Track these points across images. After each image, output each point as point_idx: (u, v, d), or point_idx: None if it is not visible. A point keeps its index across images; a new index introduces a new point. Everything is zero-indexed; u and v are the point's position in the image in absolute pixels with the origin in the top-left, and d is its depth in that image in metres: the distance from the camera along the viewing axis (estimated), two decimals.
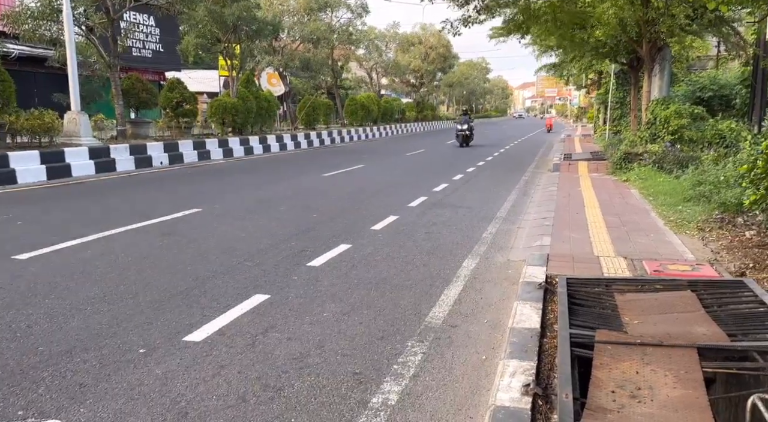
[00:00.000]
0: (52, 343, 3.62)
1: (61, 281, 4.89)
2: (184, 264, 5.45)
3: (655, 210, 7.83)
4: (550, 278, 4.65)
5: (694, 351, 2.98)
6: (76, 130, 14.37)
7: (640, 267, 4.96)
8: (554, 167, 14.38)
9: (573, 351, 3.04)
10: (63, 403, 2.91)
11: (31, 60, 19.58)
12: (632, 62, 16.72)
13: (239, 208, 8.59)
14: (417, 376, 3.25)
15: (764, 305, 3.69)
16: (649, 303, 3.85)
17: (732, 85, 17.96)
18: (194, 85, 24.63)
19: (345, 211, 8.52)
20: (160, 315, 4.14)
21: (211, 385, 3.11)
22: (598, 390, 2.64)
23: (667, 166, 11.04)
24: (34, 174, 11.79)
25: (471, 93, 78.61)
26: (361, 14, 34.09)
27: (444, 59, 52.88)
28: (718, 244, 5.72)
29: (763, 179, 5.30)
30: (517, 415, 2.56)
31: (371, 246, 6.29)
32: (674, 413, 2.43)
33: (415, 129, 45.00)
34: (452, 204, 9.30)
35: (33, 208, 8.57)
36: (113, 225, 7.17)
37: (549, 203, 8.81)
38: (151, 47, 24.37)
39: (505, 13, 14.81)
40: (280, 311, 4.24)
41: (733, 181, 7.58)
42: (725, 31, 13.93)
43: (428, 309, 4.32)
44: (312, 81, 33.31)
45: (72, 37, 14.29)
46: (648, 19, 12.64)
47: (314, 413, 2.84)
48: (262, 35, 23.19)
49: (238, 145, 19.46)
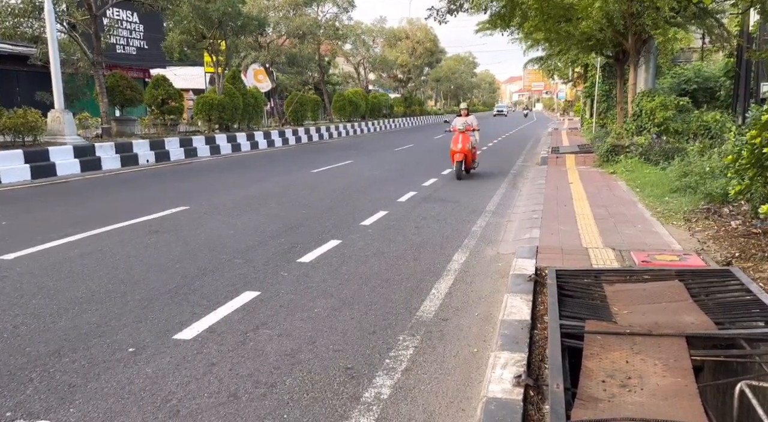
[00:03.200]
0: (39, 343, 3.58)
1: (48, 281, 4.84)
2: (173, 262, 5.41)
3: (642, 201, 7.89)
4: (540, 270, 4.68)
5: (682, 340, 3.02)
6: (61, 128, 14.19)
7: (628, 258, 5.00)
8: (542, 160, 14.44)
9: (563, 341, 3.06)
10: (52, 404, 2.87)
11: (13, 58, 19.30)
12: (618, 55, 16.80)
13: (228, 205, 8.54)
14: (409, 370, 3.25)
15: (750, 293, 3.74)
16: (637, 293, 3.88)
17: (716, 76, 18.14)
18: (180, 82, 24.40)
19: (334, 206, 8.50)
20: (149, 313, 4.10)
21: (202, 383, 3.09)
22: (588, 380, 2.66)
23: (653, 157, 11.14)
24: (18, 173, 11.63)
25: (458, 88, 78.65)
26: (348, 9, 33.99)
27: (431, 54, 52.88)
28: (704, 234, 5.78)
29: (748, 169, 5.36)
30: (509, 406, 2.57)
31: (361, 242, 6.28)
32: (664, 401, 2.45)
33: (403, 124, 44.97)
34: (441, 198, 9.31)
35: (17, 208, 8.45)
36: (100, 224, 7.10)
37: (537, 196, 8.85)
38: (135, 44, 24.11)
39: (492, 6, 14.83)
40: (271, 307, 4.23)
41: (718, 171, 7.67)
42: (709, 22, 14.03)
43: (419, 303, 4.33)
44: (299, 77, 33.17)
45: (54, 34, 14.08)
46: (633, 12, 12.71)
47: (307, 408, 2.84)
48: (247, 31, 23.04)
49: (225, 142, 19.32)
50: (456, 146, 11.59)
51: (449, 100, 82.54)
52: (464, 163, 11.69)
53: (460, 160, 11.53)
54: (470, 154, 11.77)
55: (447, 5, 14.32)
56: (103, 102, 17.04)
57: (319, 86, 37.03)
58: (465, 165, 11.77)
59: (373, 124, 37.12)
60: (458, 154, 11.58)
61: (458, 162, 11.54)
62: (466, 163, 11.80)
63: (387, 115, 45.21)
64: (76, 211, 8.29)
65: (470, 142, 11.65)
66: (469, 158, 11.78)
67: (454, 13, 14.32)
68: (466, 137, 11.54)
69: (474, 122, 11.91)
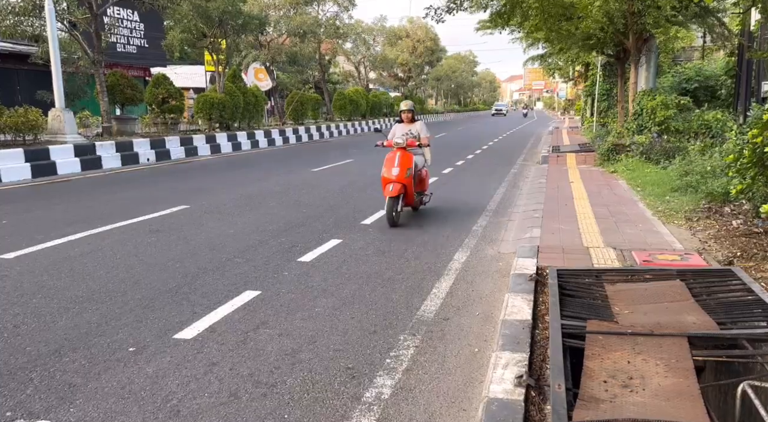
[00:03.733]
0: (40, 343, 3.57)
1: (48, 280, 4.83)
2: (173, 262, 5.40)
3: (643, 200, 7.88)
4: (541, 270, 4.67)
5: (684, 340, 3.01)
6: (61, 127, 14.18)
7: (630, 258, 4.99)
8: (543, 159, 14.43)
9: (565, 341, 3.05)
10: (52, 403, 2.87)
11: (14, 57, 19.28)
12: (619, 54, 16.79)
13: (228, 204, 8.53)
14: (410, 370, 3.24)
15: (752, 293, 3.73)
16: (639, 292, 3.87)
17: (717, 75, 18.13)
18: (180, 81, 24.38)
19: (335, 205, 8.49)
20: (149, 313, 4.10)
21: (202, 383, 3.09)
22: (590, 381, 2.65)
23: (654, 156, 11.13)
24: (19, 172, 11.63)
25: (459, 86, 78.64)
26: (348, 8, 33.98)
27: (431, 52, 52.88)
28: (705, 234, 5.77)
29: (749, 168, 5.34)
30: (510, 407, 2.57)
31: (362, 241, 6.27)
32: (666, 402, 2.44)
33: None
34: (442, 197, 9.30)
35: (18, 207, 8.45)
36: (100, 223, 7.09)
37: (538, 195, 8.84)
38: (136, 43, 24.08)
39: (492, 5, 14.82)
40: (272, 307, 4.22)
41: (719, 170, 7.65)
42: (710, 21, 14.02)
43: (420, 303, 4.32)
44: (299, 75, 33.12)
45: (55, 33, 14.07)
46: (634, 11, 12.70)
47: (307, 408, 2.83)
48: (248, 29, 23.01)
49: (226, 140, 19.32)
50: (390, 171, 6.98)
51: (449, 98, 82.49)
52: (404, 198, 7.12)
53: (395, 195, 6.90)
54: (411, 185, 7.11)
55: (446, 4, 14.30)
56: (104, 101, 17.03)
57: (319, 85, 37.01)
58: (405, 200, 7.18)
59: (374, 123, 37.09)
60: (393, 185, 6.89)
61: (392, 198, 6.90)
62: (407, 196, 7.16)
63: (387, 113, 45.17)
64: (76, 210, 8.28)
65: (413, 164, 7.14)
66: (410, 191, 7.12)
67: (453, 11, 14.30)
68: (408, 157, 7.08)
69: (422, 132, 7.57)
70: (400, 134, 7.49)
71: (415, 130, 7.57)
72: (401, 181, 6.91)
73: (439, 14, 14.46)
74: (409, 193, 7.13)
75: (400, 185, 6.89)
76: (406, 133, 7.50)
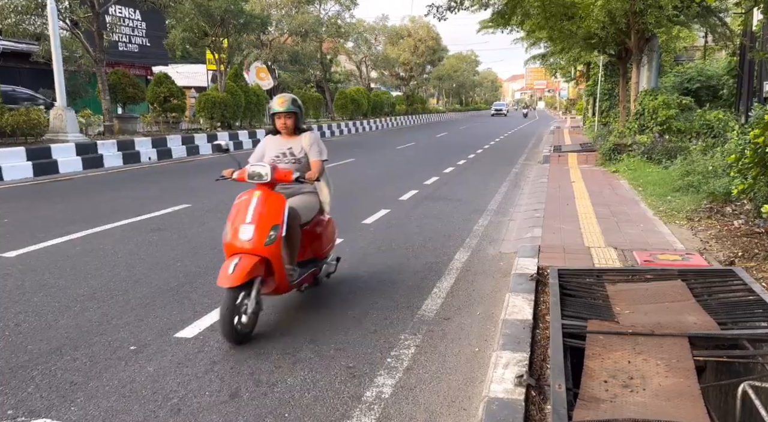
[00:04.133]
0: (41, 341, 3.58)
1: (49, 279, 4.84)
2: (175, 261, 5.41)
3: (644, 200, 7.87)
4: (542, 269, 4.67)
5: (685, 340, 3.00)
6: (63, 126, 14.19)
7: (631, 258, 4.99)
8: (544, 159, 14.42)
9: (565, 341, 3.05)
10: (53, 402, 2.88)
11: (16, 55, 19.29)
12: (620, 53, 16.77)
13: (230, 204, 8.47)
14: (410, 369, 3.25)
15: (753, 293, 3.73)
16: (640, 292, 3.87)
17: (719, 75, 18.10)
18: (182, 80, 24.43)
19: (335, 205, 8.43)
20: (150, 311, 4.10)
21: (203, 381, 3.09)
22: (590, 381, 2.65)
23: (655, 156, 11.12)
24: (21, 171, 11.64)
25: (461, 86, 78.59)
26: (350, 7, 33.98)
27: (433, 52, 52.80)
28: (707, 234, 5.76)
29: (751, 168, 5.33)
30: (510, 406, 2.57)
31: (363, 240, 6.27)
32: (666, 402, 2.44)
33: (405, 122, 44.90)
34: (443, 196, 9.30)
35: (20, 206, 8.46)
36: (102, 221, 7.10)
37: (539, 195, 8.84)
38: (138, 41, 24.08)
39: (494, 4, 14.80)
40: (272, 306, 4.22)
41: (721, 170, 7.65)
42: (712, 21, 13.99)
43: (421, 302, 4.32)
44: (301, 74, 33.15)
45: (56, 31, 14.07)
46: (636, 10, 12.68)
47: (308, 408, 2.83)
48: (249, 28, 23.01)
49: (228, 139, 19.32)
50: (237, 232, 3.70)
51: (451, 98, 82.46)
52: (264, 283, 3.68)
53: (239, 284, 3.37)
54: (279, 258, 3.69)
55: (448, 2, 14.27)
56: (105, 99, 17.03)
57: (321, 84, 37.01)
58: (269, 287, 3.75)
59: (375, 122, 37.07)
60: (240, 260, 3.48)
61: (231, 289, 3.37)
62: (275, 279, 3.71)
63: (389, 113, 45.15)
64: (78, 208, 8.29)
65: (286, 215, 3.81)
66: (278, 267, 3.68)
67: (454, 10, 14.27)
68: (275, 202, 3.89)
69: (311, 152, 4.39)
70: (270, 156, 4.38)
71: (299, 149, 4.33)
72: (257, 251, 3.57)
73: (441, 12, 14.45)
74: (277, 271, 3.69)
75: (254, 261, 3.51)
76: (279, 155, 4.33)
